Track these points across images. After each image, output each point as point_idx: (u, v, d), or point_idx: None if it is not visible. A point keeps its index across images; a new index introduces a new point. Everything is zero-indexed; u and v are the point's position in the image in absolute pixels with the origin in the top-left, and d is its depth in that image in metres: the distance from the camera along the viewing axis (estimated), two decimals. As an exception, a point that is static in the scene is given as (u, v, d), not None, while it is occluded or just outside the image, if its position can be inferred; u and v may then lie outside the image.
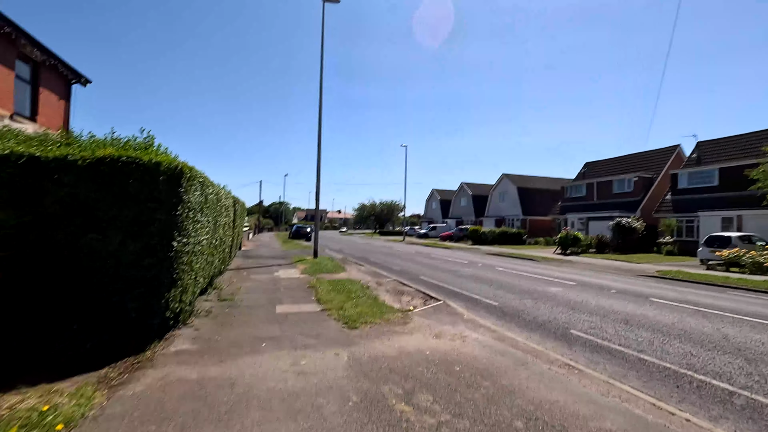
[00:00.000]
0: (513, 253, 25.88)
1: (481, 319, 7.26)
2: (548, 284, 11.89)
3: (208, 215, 7.00)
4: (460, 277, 13.29)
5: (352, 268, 14.73)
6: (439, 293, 9.85)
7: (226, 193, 9.95)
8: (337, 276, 12.31)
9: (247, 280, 11.06)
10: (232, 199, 11.34)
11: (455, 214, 57.60)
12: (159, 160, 5.09)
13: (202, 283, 7.35)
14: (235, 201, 12.26)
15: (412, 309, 7.82)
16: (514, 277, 13.56)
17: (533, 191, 44.72)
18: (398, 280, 11.70)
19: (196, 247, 6.05)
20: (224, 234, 9.70)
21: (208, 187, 6.89)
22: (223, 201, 9.09)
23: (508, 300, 9.29)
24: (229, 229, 10.63)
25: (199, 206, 6.15)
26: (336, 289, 9.52)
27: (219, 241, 8.80)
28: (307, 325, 6.41)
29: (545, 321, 7.33)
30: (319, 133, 17.83)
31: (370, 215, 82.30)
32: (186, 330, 5.88)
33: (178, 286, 5.38)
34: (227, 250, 10.95)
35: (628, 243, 28.30)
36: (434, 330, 6.30)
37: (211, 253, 7.79)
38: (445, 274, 14.06)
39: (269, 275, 12.28)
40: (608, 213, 32.46)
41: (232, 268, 13.48)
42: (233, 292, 9.13)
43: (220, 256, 9.48)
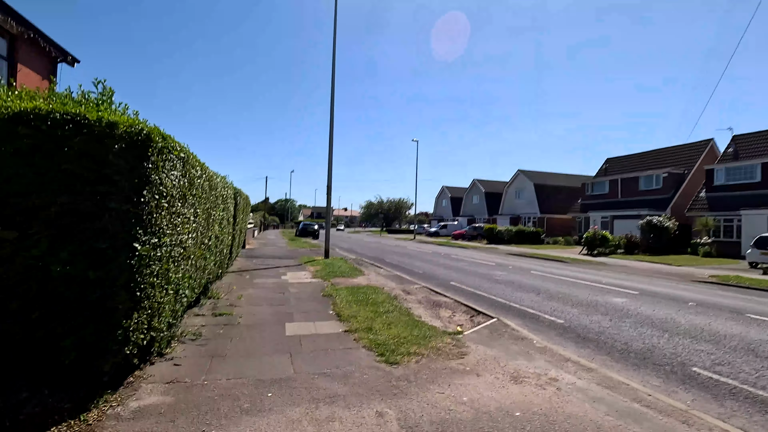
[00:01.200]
0: (536, 254, 24.01)
1: (559, 347, 5.46)
2: (604, 293, 10.06)
3: (196, 206, 5.27)
4: (496, 282, 11.49)
5: (369, 270, 12.99)
6: (483, 305, 8.08)
7: (225, 182, 8.23)
8: (355, 281, 10.58)
9: (250, 285, 9.36)
10: (232, 191, 9.62)
11: (467, 212, 55.64)
12: (114, 120, 3.35)
13: (190, 296, 5.64)
14: (237, 193, 10.56)
15: (461, 330, 6.05)
16: (558, 282, 11.73)
17: (551, 188, 42.66)
18: (428, 287, 9.92)
19: (174, 249, 4.31)
20: (222, 231, 7.99)
21: (195, 167, 5.12)
22: (220, 191, 7.37)
23: (573, 315, 7.49)
24: (228, 226, 8.91)
25: (180, 193, 4.41)
26: (358, 300, 7.78)
27: (214, 240, 7.08)
28: (329, 358, 4.67)
29: (643, 350, 5.51)
30: (331, 123, 16.07)
31: (377, 213, 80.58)
32: (160, 366, 4.16)
33: (144, 309, 3.65)
34: (226, 251, 9.23)
35: (660, 243, 26.30)
36: (506, 367, 4.52)
37: (202, 256, 6.07)
38: (476, 278, 12.26)
39: (276, 279, 10.58)
40: (635, 211, 30.42)
41: (233, 270, 11.80)
42: (232, 302, 7.43)
43: (216, 259, 7.78)
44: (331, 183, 16.09)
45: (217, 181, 6.93)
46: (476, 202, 54.06)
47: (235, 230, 10.91)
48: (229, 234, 9.18)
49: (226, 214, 8.38)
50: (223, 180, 7.95)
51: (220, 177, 7.47)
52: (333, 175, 15.14)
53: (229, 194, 8.65)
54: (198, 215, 5.39)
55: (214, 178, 6.61)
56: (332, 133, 16.01)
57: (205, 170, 5.75)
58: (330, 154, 16.03)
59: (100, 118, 3.30)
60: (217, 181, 6.95)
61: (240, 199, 11.12)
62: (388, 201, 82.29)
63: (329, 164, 16.06)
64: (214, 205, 6.71)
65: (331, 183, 16.08)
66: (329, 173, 16.06)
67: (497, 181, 53.52)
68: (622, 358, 5.21)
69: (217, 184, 6.98)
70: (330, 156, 16.04)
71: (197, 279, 6.01)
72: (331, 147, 16.03)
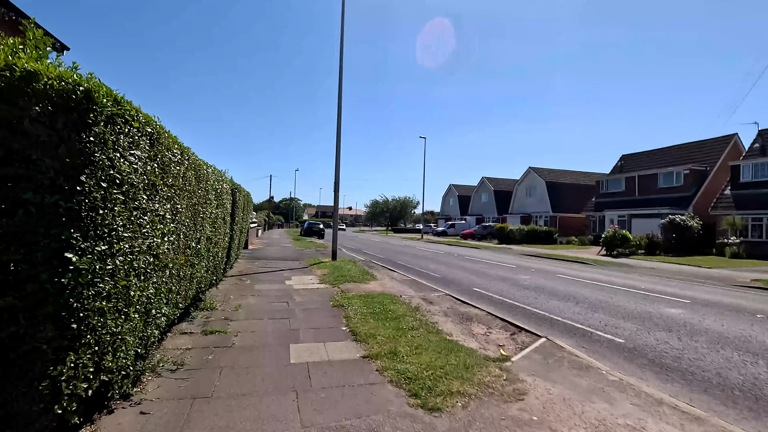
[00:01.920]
0: (553, 255, 22.77)
1: (638, 380, 4.29)
2: (651, 301, 8.85)
3: (176, 201, 4.15)
4: (524, 288, 10.32)
5: (381, 274, 11.85)
6: (520, 318, 6.92)
7: (220, 175, 7.12)
8: (367, 287, 9.45)
9: (250, 293, 8.27)
10: (230, 186, 8.52)
11: (475, 211, 54.36)
12: (33, 68, 2.24)
13: (172, 312, 4.55)
14: (236, 189, 9.46)
15: (507, 355, 4.90)
16: (592, 288, 10.53)
17: (563, 186, 41.29)
18: (451, 295, 8.77)
19: (140, 258, 3.20)
20: (216, 232, 6.88)
21: (171, 150, 3.99)
22: (212, 184, 6.26)
23: (631, 332, 6.30)
24: (225, 226, 7.80)
25: (147, 182, 3.29)
26: (374, 312, 6.65)
27: (205, 243, 5.97)
28: (347, 399, 3.54)
29: (748, 386, 4.33)
30: (339, 117, 14.94)
31: (383, 212, 79.42)
32: (121, 417, 3.06)
33: (87, 346, 2.54)
34: (223, 254, 8.12)
35: (683, 243, 24.99)
36: (585, 415, 3.37)
37: (188, 263, 4.96)
38: (501, 283, 11.09)
39: (280, 285, 9.48)
40: (655, 209, 29.06)
41: (233, 275, 10.73)
42: (228, 315, 6.33)
43: (209, 264, 6.68)
44: (339, 180, 14.98)
45: (207, 172, 5.81)
46: (485, 200, 52.76)
47: (234, 230, 9.82)
48: (225, 235, 8.09)
49: (222, 212, 7.28)
50: (218, 172, 6.83)
51: (212, 168, 6.34)
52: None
53: (225, 189, 7.54)
54: (179, 212, 4.28)
55: (203, 167, 5.49)
56: (339, 127, 14.89)
57: (188, 155, 4.62)
58: (338, 148, 14.91)
59: (11, 65, 2.19)
60: (207, 172, 5.83)
61: (240, 195, 10.03)
62: (393, 200, 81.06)
63: (336, 160, 14.94)
64: (204, 200, 5.59)
65: (338, 180, 14.96)
66: (336, 169, 14.94)
67: (506, 179, 52.20)
68: (728, 398, 4.02)
69: (208, 175, 5.86)
70: (338, 151, 14.91)
71: (182, 291, 4.91)
72: (339, 142, 14.91)
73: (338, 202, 15.24)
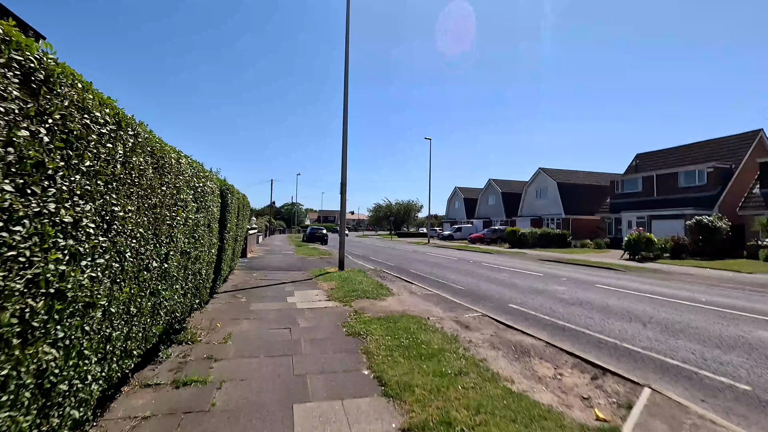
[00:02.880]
0: (574, 260, 21.20)
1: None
2: (732, 321, 7.31)
3: (112, 199, 2.64)
4: (568, 304, 8.78)
5: (397, 287, 10.33)
6: (590, 349, 5.40)
7: (201, 171, 5.57)
8: (385, 305, 7.93)
9: (243, 315, 6.77)
10: (217, 185, 7.01)
11: (482, 214, 52.79)
12: None
13: (119, 367, 3.05)
14: (226, 190, 7.94)
15: (603, 417, 3.38)
16: (648, 303, 8.98)
17: (575, 187, 39.71)
18: (489, 317, 7.22)
19: (31, 301, 1.69)
20: (197, 244, 5.37)
21: (85, 108, 2.37)
22: (187, 179, 4.74)
23: (745, 369, 4.76)
24: (210, 234, 6.26)
25: (20, 154, 1.78)
26: (402, 345, 5.14)
27: (178, 259, 4.46)
28: None
29: None
30: (345, 111, 13.49)
31: (386, 216, 77.87)
32: None
33: None
34: (208, 270, 6.57)
35: (711, 246, 23.37)
36: None
37: (146, 293, 3.46)
38: (538, 297, 9.55)
39: (280, 303, 7.98)
40: (677, 210, 27.45)
41: (226, 290, 9.24)
42: (212, 351, 4.84)
43: (189, 284, 5.18)
44: (346, 181, 13.49)
45: (178, 163, 4.31)
46: (492, 203, 51.19)
47: (226, 239, 8.32)
48: (212, 246, 6.57)
49: (206, 217, 5.77)
50: (197, 166, 5.30)
51: (186, 158, 4.82)
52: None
53: (210, 189, 6.03)
54: (122, 219, 2.78)
55: (169, 155, 3.95)
56: (345, 122, 13.43)
57: (133, 129, 3.07)
58: (344, 144, 13.43)
59: None
60: (178, 162, 4.32)
61: (232, 198, 8.52)
62: (396, 203, 79.57)
63: (343, 157, 13.45)
64: (173, 202, 4.08)
65: (345, 181, 13.47)
66: (343, 167, 13.45)
67: (515, 181, 50.66)
68: None
69: (180, 168, 4.34)
70: (344, 147, 13.43)
71: (138, 332, 3.40)
72: (345, 137, 13.43)
73: (345, 205, 13.75)
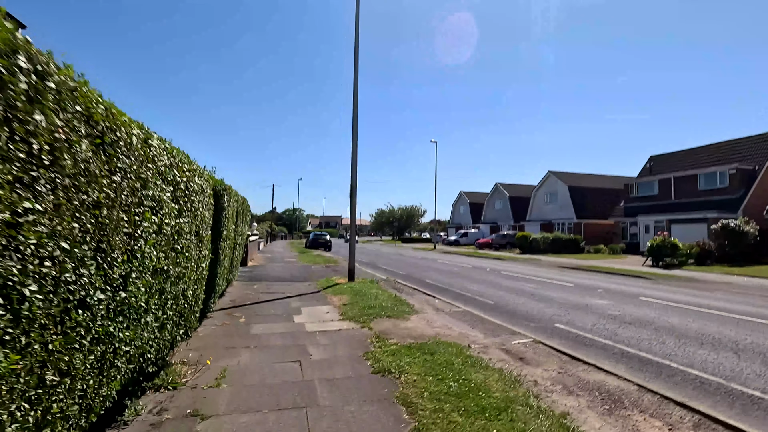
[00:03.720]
0: (594, 266, 19.91)
1: None
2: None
3: None
4: (627, 324, 7.50)
5: (419, 302, 9.04)
6: (700, 394, 4.13)
7: (183, 161, 4.28)
8: (410, 325, 6.66)
9: (242, 342, 5.51)
10: (209, 184, 5.74)
11: (489, 219, 51.51)
12: None
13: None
14: (222, 190, 6.68)
15: None
16: (718, 323, 7.70)
17: (587, 191, 38.41)
18: (544, 343, 5.92)
19: None
20: (178, 258, 4.10)
21: None
22: (160, 168, 3.49)
23: None
24: (196, 244, 4.97)
25: None
26: (449, 390, 3.87)
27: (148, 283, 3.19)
28: None
29: None
30: (355, 103, 12.30)
31: (389, 221, 76.61)
32: None
33: None
34: (197, 290, 5.24)
35: (738, 251, 22.07)
36: None
37: (90, 337, 2.21)
38: (585, 315, 8.27)
39: (286, 324, 6.72)
40: (699, 214, 26.17)
41: (223, 306, 7.99)
42: (197, 402, 3.58)
43: (167, 314, 3.92)
44: (356, 183, 12.27)
45: (149, 148, 3.03)
46: (499, 207, 49.93)
47: (222, 248, 7.06)
48: (202, 258, 5.29)
49: (192, 223, 4.50)
50: (178, 155, 4.02)
51: (162, 142, 3.52)
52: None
53: (198, 188, 4.76)
54: (20, 227, 1.54)
55: (128, 130, 2.63)
56: (355, 118, 12.24)
57: (59, 79, 1.85)
58: (354, 141, 12.22)
59: None
60: (149, 146, 3.04)
61: (229, 200, 7.27)
62: (399, 209, 78.32)
63: (353, 155, 12.23)
64: (136, 200, 2.80)
65: (355, 183, 12.25)
66: (354, 165, 12.22)
67: (523, 185, 49.41)
68: None
69: (149, 153, 3.04)
70: (354, 144, 12.22)
71: (66, 407, 2.14)
72: (355, 134, 12.24)
73: (355, 209, 12.50)
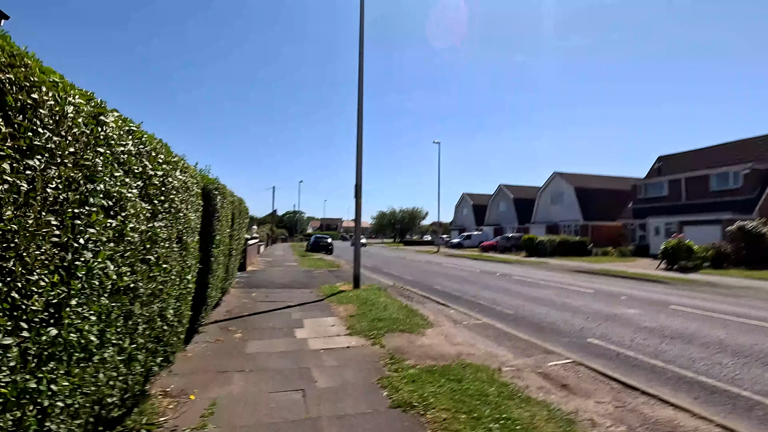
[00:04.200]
0: (607, 270, 19.12)
1: None
2: None
3: None
4: (669, 339, 6.70)
5: (433, 313, 8.25)
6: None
7: (156, 148, 3.43)
8: (427, 342, 5.87)
9: (236, 364, 4.72)
10: (197, 181, 4.96)
11: (492, 221, 50.68)
12: None
13: None
14: (214, 189, 5.89)
15: None
16: None
17: (594, 192, 37.60)
18: (587, 366, 5.14)
19: None
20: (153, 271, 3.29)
21: None
22: (118, 152, 2.66)
23: None
24: (179, 253, 4.12)
25: None
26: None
27: (103, 304, 2.40)
28: None
29: None
30: (360, 94, 11.55)
31: (390, 223, 75.86)
32: None
33: None
34: (178, 310, 4.33)
35: (756, 254, 21.25)
36: None
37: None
38: (620, 327, 7.47)
39: (286, 340, 5.92)
40: (713, 215, 25.38)
41: (218, 319, 7.20)
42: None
43: (139, 341, 3.13)
44: (361, 183, 11.50)
45: (101, 125, 2.23)
46: (503, 209, 49.12)
47: (215, 256, 6.26)
48: (188, 270, 4.48)
49: (172, 227, 3.71)
50: (150, 141, 3.17)
51: (122, 120, 2.65)
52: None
53: (180, 185, 3.93)
54: None
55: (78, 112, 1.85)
56: (361, 112, 11.48)
57: None
58: (359, 137, 11.46)
59: None
60: (101, 123, 2.23)
61: (223, 201, 6.49)
62: (401, 211, 77.62)
63: (358, 151, 11.47)
64: (76, 197, 1.99)
65: (360, 183, 11.49)
66: (359, 163, 11.45)
67: (527, 186, 48.60)
68: None
69: (102, 133, 2.23)
70: (359, 141, 11.46)
71: None
72: (360, 130, 11.48)
73: (360, 210, 11.73)
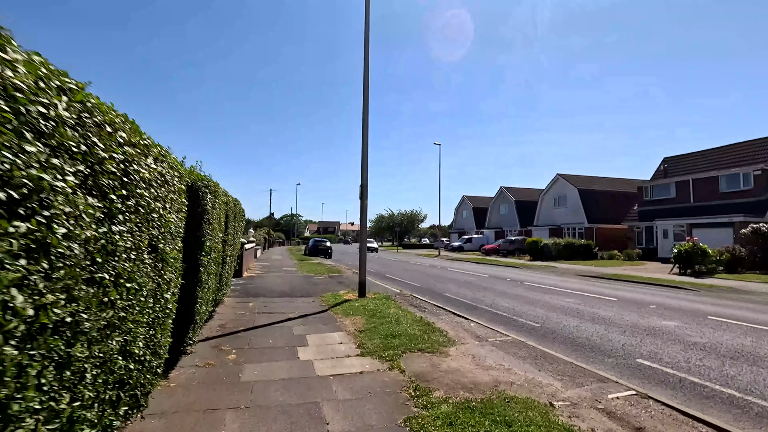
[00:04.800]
0: (618, 275, 18.32)
1: None
2: None
3: None
4: (730, 360, 5.84)
5: (452, 326, 7.37)
6: None
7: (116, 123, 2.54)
8: (453, 365, 4.99)
9: (228, 399, 3.83)
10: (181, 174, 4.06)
11: (493, 224, 49.92)
12: None
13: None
14: (204, 186, 4.99)
15: None
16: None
17: (598, 194, 36.90)
18: (662, 402, 4.26)
19: None
20: (109, 295, 2.40)
21: None
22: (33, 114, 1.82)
23: None
24: (153, 266, 3.21)
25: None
26: None
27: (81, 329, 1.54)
28: None
29: None
30: (366, 88, 10.69)
31: (389, 226, 74.96)
32: None
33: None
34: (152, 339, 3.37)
35: (769, 258, 20.56)
36: None
37: None
38: (667, 344, 6.62)
39: (289, 365, 5.02)
40: (725, 217, 24.68)
41: (211, 335, 6.29)
42: None
43: (83, 401, 2.23)
44: (367, 183, 10.62)
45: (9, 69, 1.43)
46: (504, 212, 48.37)
47: (204, 265, 5.36)
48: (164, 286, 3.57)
49: (142, 233, 2.82)
50: (108, 112, 2.30)
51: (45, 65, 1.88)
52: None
53: (156, 179, 3.01)
54: None
55: None
56: (366, 107, 10.62)
57: None
58: (365, 135, 10.59)
59: None
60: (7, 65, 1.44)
61: (215, 201, 5.59)
62: (399, 213, 76.71)
63: (364, 149, 10.59)
64: None
65: (366, 183, 10.61)
66: (364, 162, 10.57)
67: (529, 189, 47.93)
68: None
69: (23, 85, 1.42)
70: (365, 135, 10.59)
71: None
72: (366, 127, 10.61)
73: (366, 211, 10.84)
